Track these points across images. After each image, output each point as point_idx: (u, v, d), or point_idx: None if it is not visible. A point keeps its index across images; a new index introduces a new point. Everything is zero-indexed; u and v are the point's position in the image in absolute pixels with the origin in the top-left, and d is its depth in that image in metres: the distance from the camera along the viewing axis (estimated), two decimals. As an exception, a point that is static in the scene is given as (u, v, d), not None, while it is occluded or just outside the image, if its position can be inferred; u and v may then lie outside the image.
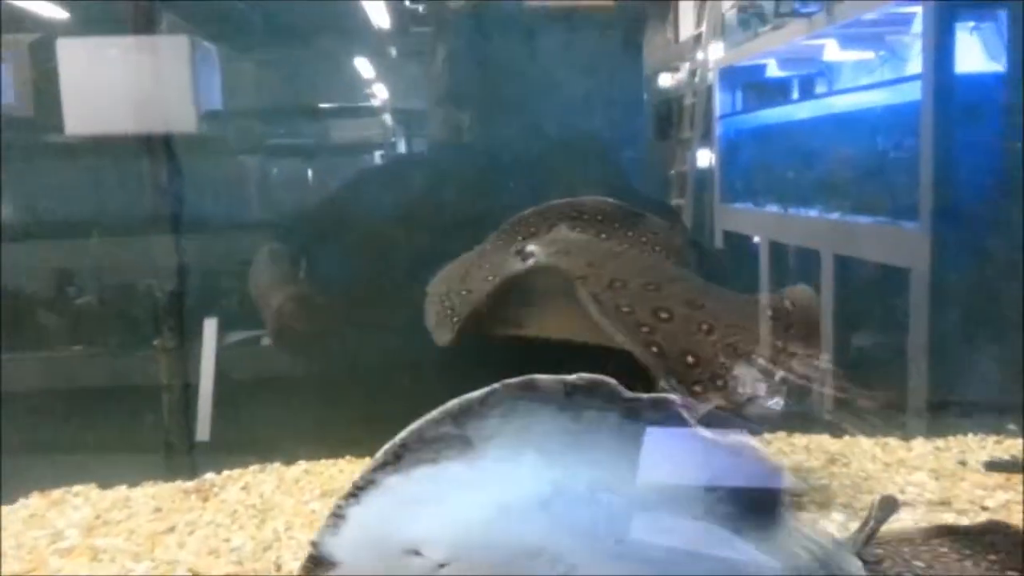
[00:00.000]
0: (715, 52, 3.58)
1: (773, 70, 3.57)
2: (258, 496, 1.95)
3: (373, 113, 3.38)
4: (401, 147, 3.32)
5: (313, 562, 0.96)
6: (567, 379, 0.90)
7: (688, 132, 3.55)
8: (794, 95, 3.60)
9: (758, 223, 3.54)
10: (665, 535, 0.90)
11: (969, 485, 1.76)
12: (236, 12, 3.18)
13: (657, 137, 3.59)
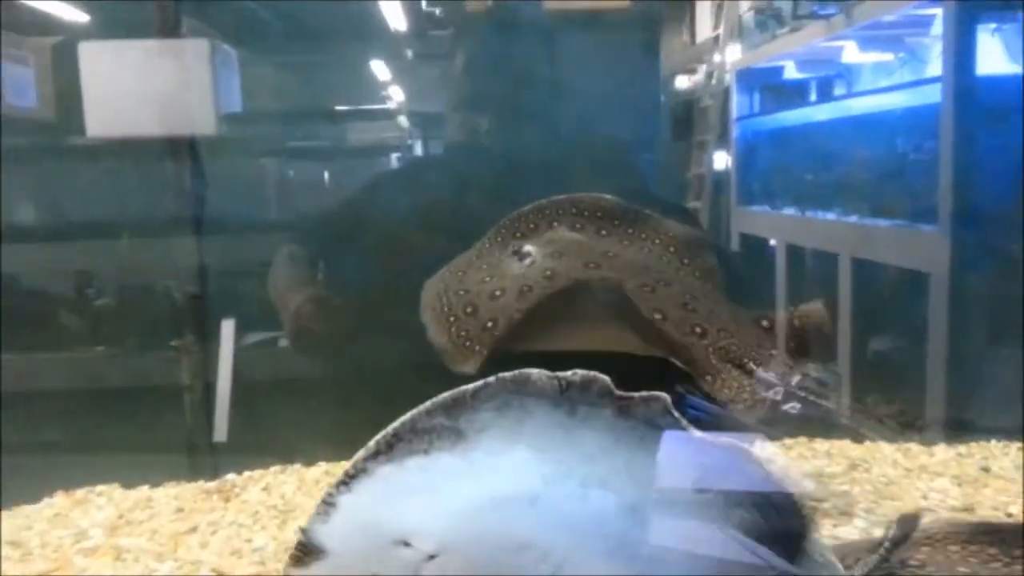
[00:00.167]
0: (732, 54, 3.57)
1: (791, 72, 3.56)
2: (279, 497, 1.95)
3: (390, 116, 3.40)
4: (417, 150, 3.34)
5: (302, 550, 0.95)
6: (562, 375, 0.90)
7: (705, 134, 3.54)
8: (812, 97, 3.58)
9: (775, 226, 3.52)
10: (655, 533, 0.90)
11: (992, 492, 1.74)
12: (255, 16, 3.20)
13: (674, 139, 3.58)
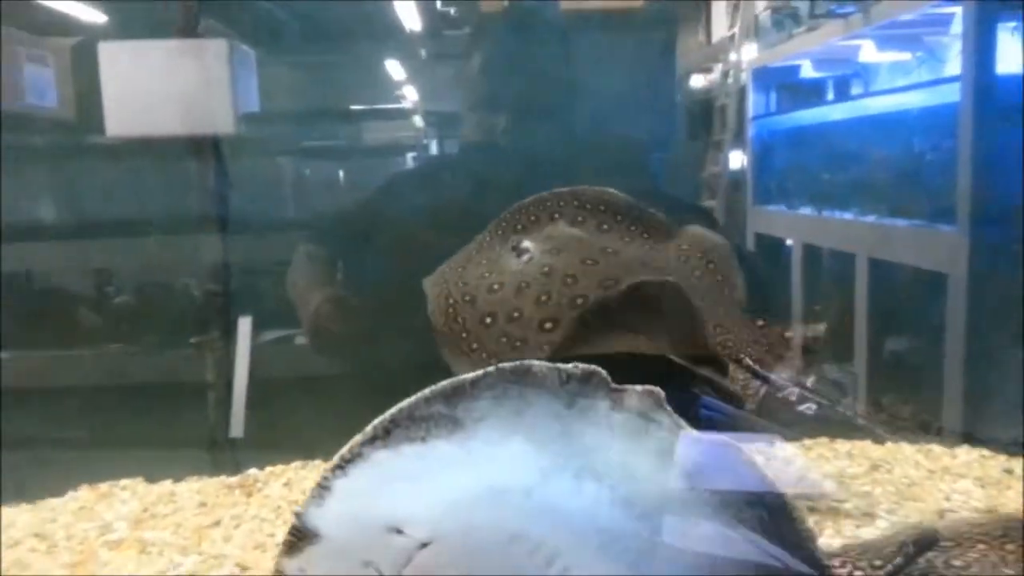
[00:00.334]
0: (748, 53, 3.56)
1: (808, 71, 3.54)
2: (300, 492, 1.97)
3: (405, 115, 3.41)
4: (433, 149, 3.35)
5: (296, 534, 0.95)
6: (562, 367, 0.90)
7: (721, 133, 3.54)
8: (829, 96, 3.56)
9: (791, 225, 3.51)
10: (648, 527, 0.90)
11: (1015, 493, 1.73)
12: (271, 16, 3.22)
13: (690, 138, 3.58)
